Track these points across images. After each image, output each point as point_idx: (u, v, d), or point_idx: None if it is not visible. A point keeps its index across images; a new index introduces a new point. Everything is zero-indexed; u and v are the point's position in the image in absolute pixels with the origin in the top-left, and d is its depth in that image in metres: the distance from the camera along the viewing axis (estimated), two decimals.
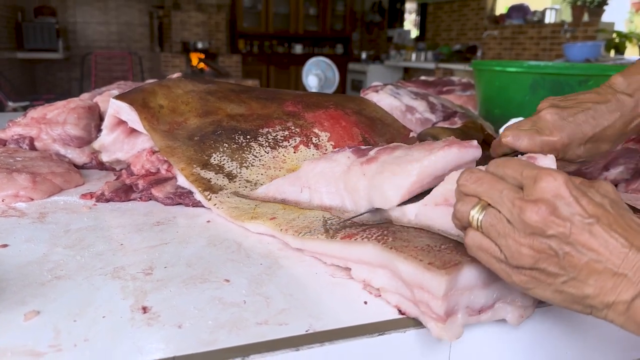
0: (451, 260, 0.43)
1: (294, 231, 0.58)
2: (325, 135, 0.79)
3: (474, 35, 6.21)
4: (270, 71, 8.13)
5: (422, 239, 0.48)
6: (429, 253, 0.45)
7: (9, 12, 5.74)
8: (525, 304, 0.46)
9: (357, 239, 0.51)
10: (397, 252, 0.46)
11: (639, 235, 0.37)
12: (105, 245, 0.60)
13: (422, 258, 0.44)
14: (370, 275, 0.50)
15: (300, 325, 0.44)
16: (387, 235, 0.50)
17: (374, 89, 1.23)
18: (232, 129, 0.77)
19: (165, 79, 0.88)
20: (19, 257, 0.56)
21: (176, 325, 0.44)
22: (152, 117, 0.77)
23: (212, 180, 0.69)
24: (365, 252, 0.50)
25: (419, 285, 0.43)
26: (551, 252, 0.38)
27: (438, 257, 0.44)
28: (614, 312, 0.38)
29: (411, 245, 0.47)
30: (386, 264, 0.48)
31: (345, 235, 0.53)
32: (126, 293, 0.49)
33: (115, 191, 0.75)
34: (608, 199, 0.39)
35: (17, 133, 0.91)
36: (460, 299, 0.44)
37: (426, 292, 0.43)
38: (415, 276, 0.44)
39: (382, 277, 0.49)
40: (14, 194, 0.73)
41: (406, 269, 0.45)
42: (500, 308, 0.46)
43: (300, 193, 0.65)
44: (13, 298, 0.47)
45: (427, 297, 0.43)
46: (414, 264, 0.44)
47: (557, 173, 0.39)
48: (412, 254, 0.45)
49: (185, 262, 0.56)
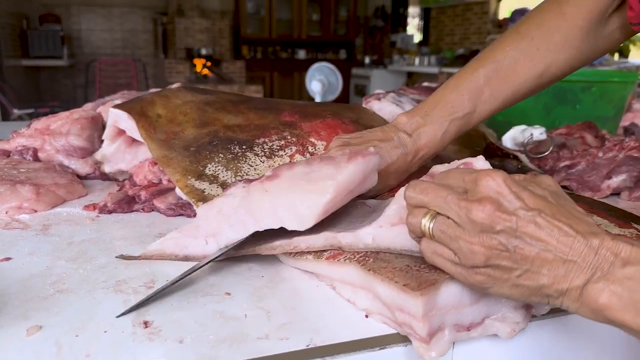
0: (427, 280, 0.43)
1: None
2: (321, 144, 0.79)
3: (477, 40, 6.21)
4: (273, 77, 8.15)
5: (403, 259, 0.48)
6: (406, 274, 0.45)
7: (14, 20, 5.78)
8: (517, 320, 0.46)
9: (340, 260, 0.51)
10: (374, 275, 0.46)
11: (582, 222, 0.39)
12: (108, 257, 0.60)
13: (397, 280, 0.44)
14: (354, 296, 0.50)
15: (301, 340, 0.44)
16: (369, 257, 0.50)
17: (377, 96, 1.23)
18: (228, 139, 0.77)
19: (164, 89, 0.88)
20: (21, 270, 0.56)
21: (177, 340, 0.44)
22: (150, 125, 0.78)
23: (205, 190, 0.69)
24: (348, 273, 0.50)
25: (398, 308, 0.43)
26: (502, 248, 0.39)
27: (415, 277, 0.44)
28: (568, 299, 0.39)
29: (390, 266, 0.47)
30: (366, 285, 0.48)
31: (330, 255, 0.53)
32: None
33: (118, 202, 0.75)
34: (549, 191, 0.41)
35: (20, 144, 0.92)
36: (446, 317, 0.43)
37: (406, 313, 0.43)
38: (393, 298, 0.44)
39: (364, 298, 0.49)
40: (17, 205, 0.73)
41: (384, 292, 0.45)
42: (490, 324, 0.46)
43: (206, 245, 0.58)
44: (15, 312, 0.48)
45: (408, 318, 0.43)
46: (390, 285, 0.44)
47: (495, 172, 0.41)
48: (388, 276, 0.45)
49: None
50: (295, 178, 0.53)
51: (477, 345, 0.48)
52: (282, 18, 8.03)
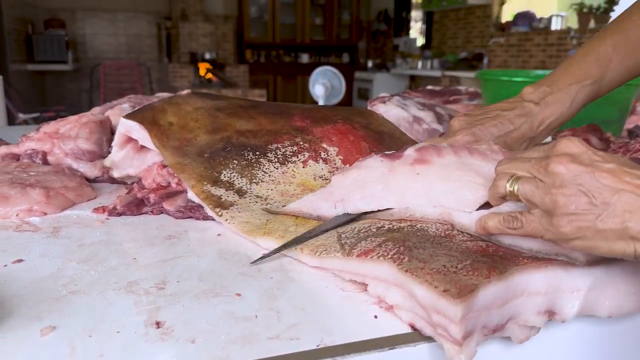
0: (467, 286, 0.43)
1: (310, 250, 0.58)
2: (333, 150, 0.79)
3: (480, 43, 6.21)
4: (277, 81, 8.18)
5: (439, 259, 0.48)
6: (445, 277, 0.45)
7: (19, 25, 5.82)
8: (536, 324, 0.46)
9: (373, 257, 0.51)
10: (412, 276, 0.46)
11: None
12: (119, 259, 0.61)
13: (437, 284, 0.44)
14: (385, 292, 0.50)
15: (312, 340, 0.45)
16: (403, 254, 0.50)
17: (381, 99, 1.24)
18: (242, 145, 0.78)
19: (174, 96, 0.89)
20: (34, 272, 0.57)
21: (189, 340, 0.44)
22: (162, 134, 0.78)
23: (222, 197, 0.70)
24: (381, 271, 0.50)
25: (435, 310, 0.43)
26: (581, 194, 0.42)
27: (454, 282, 0.44)
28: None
29: (427, 267, 0.46)
30: (401, 284, 0.48)
31: (361, 252, 0.53)
32: (140, 308, 0.49)
33: (127, 205, 0.76)
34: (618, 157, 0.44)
35: (30, 148, 0.93)
36: (478, 320, 0.43)
37: (443, 316, 0.43)
38: (432, 301, 0.44)
39: (396, 295, 0.48)
40: (27, 208, 0.74)
41: (422, 294, 0.45)
42: (509, 327, 0.46)
43: (335, 209, 0.64)
44: (29, 313, 0.48)
45: (444, 321, 0.43)
46: (429, 290, 0.44)
47: (571, 137, 0.45)
48: (427, 279, 0.45)
49: (197, 276, 0.56)
50: (449, 166, 0.59)
51: (486, 349, 0.48)
52: (285, 22, 8.06)
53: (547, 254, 0.48)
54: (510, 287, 0.45)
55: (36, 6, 6.61)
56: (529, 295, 0.46)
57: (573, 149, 0.44)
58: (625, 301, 0.48)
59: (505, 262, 0.47)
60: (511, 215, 0.48)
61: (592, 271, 0.47)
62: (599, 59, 0.68)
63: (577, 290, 0.47)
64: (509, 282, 0.45)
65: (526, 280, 0.46)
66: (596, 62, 0.69)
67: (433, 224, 0.57)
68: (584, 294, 0.47)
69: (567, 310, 0.47)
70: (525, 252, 0.49)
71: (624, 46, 0.68)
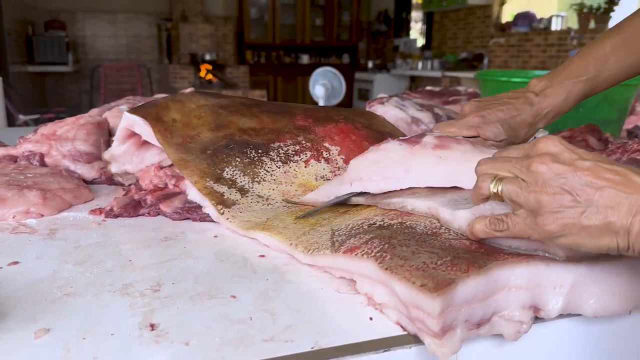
0: (444, 280, 0.44)
1: (304, 247, 0.58)
2: (335, 149, 0.79)
3: (480, 43, 6.21)
4: (277, 82, 8.18)
5: (420, 256, 0.48)
6: (423, 272, 0.45)
7: (19, 27, 5.82)
8: (522, 320, 0.46)
9: (358, 254, 0.52)
10: (392, 274, 0.46)
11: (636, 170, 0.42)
12: (114, 261, 0.60)
13: (414, 280, 0.44)
14: (372, 289, 0.51)
15: (306, 342, 0.45)
16: (386, 252, 0.50)
17: (380, 100, 1.23)
18: (244, 143, 0.78)
19: (178, 94, 0.89)
20: (29, 274, 0.57)
21: (183, 342, 0.44)
22: (166, 130, 0.79)
23: (225, 194, 0.71)
24: (365, 268, 0.51)
25: (414, 305, 0.44)
26: (564, 191, 0.42)
27: (432, 277, 0.44)
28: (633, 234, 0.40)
29: (407, 264, 0.47)
30: (384, 282, 0.48)
31: (348, 248, 0.53)
32: (134, 310, 0.49)
33: (123, 207, 0.76)
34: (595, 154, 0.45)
35: (27, 149, 0.93)
36: (459, 314, 0.44)
37: (421, 311, 0.43)
38: (410, 297, 0.44)
39: (382, 292, 0.49)
40: (24, 210, 0.74)
41: (401, 290, 0.45)
42: (496, 322, 0.46)
43: (350, 187, 0.67)
44: (24, 315, 0.48)
45: (422, 315, 0.43)
46: (407, 286, 0.44)
47: (551, 136, 0.46)
48: (405, 275, 0.45)
49: (192, 278, 0.56)
50: (468, 152, 0.62)
51: (481, 346, 0.48)
52: (285, 23, 8.06)
53: (527, 249, 0.49)
54: (491, 281, 0.46)
55: (36, 8, 6.62)
56: (511, 290, 0.47)
57: (552, 148, 0.45)
58: (611, 301, 0.49)
59: (486, 257, 0.48)
60: (497, 218, 0.48)
61: (574, 268, 0.48)
62: (596, 58, 0.73)
63: (559, 286, 0.48)
64: (488, 277, 0.46)
65: (507, 275, 0.47)
66: (594, 61, 0.73)
67: (422, 221, 0.57)
68: (567, 290, 0.48)
69: (551, 306, 0.48)
70: (506, 248, 0.50)
71: (623, 46, 0.73)
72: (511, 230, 0.47)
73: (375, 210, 0.64)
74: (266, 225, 0.65)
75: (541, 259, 0.48)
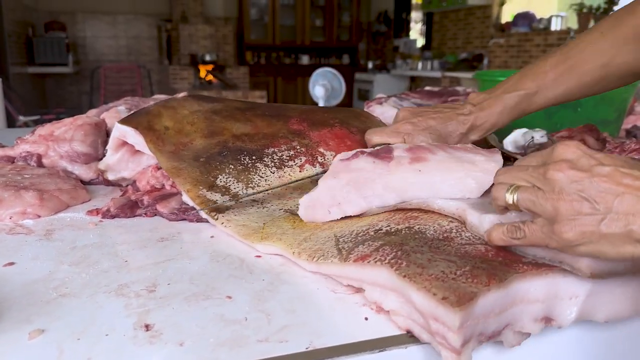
0: (466, 293, 0.42)
1: (308, 255, 0.57)
2: (330, 155, 0.79)
3: (480, 44, 6.21)
4: (277, 82, 8.18)
5: (438, 264, 0.47)
6: (443, 283, 0.44)
7: (19, 28, 5.83)
8: (533, 331, 0.46)
9: (370, 262, 0.50)
10: (410, 282, 0.45)
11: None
12: (110, 262, 0.60)
13: (435, 291, 0.43)
14: (382, 297, 0.49)
15: (301, 343, 0.44)
16: (400, 259, 0.49)
17: (378, 100, 1.23)
18: (238, 149, 0.77)
19: (170, 99, 0.89)
20: (25, 274, 0.57)
21: (178, 343, 0.44)
22: (158, 139, 0.78)
23: (218, 202, 0.70)
24: (379, 276, 0.49)
25: (433, 317, 0.43)
26: (582, 199, 0.41)
27: (452, 289, 0.43)
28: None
29: (425, 273, 0.46)
30: (399, 290, 0.47)
31: (358, 257, 0.52)
32: (129, 311, 0.49)
33: (120, 207, 0.76)
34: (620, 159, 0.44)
35: (25, 150, 0.93)
36: (475, 327, 0.43)
37: (441, 324, 0.42)
38: (430, 308, 0.43)
39: (394, 300, 0.48)
40: (21, 211, 0.74)
41: (420, 300, 0.44)
42: (504, 333, 0.45)
43: (329, 215, 0.64)
44: (18, 316, 0.48)
45: (442, 329, 0.42)
46: (427, 296, 0.43)
47: (569, 141, 0.45)
48: (425, 285, 0.44)
49: (188, 278, 0.56)
50: (444, 160, 0.62)
51: (481, 354, 0.48)
52: (285, 24, 8.07)
53: (551, 260, 0.48)
54: (510, 294, 0.45)
55: (37, 9, 6.63)
56: (528, 303, 0.46)
57: (570, 155, 0.44)
58: (623, 306, 0.48)
59: (505, 268, 0.46)
60: (514, 225, 0.48)
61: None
62: (535, 74, 0.74)
63: (575, 296, 0.47)
64: (508, 290, 0.44)
65: (526, 288, 0.46)
66: (532, 77, 0.75)
67: (430, 225, 0.57)
68: (582, 300, 0.47)
69: (564, 317, 0.47)
70: (530, 257, 0.48)
71: (562, 64, 0.73)
72: (528, 238, 0.46)
73: (378, 215, 0.63)
74: (264, 233, 0.64)
75: (559, 269, 0.47)
